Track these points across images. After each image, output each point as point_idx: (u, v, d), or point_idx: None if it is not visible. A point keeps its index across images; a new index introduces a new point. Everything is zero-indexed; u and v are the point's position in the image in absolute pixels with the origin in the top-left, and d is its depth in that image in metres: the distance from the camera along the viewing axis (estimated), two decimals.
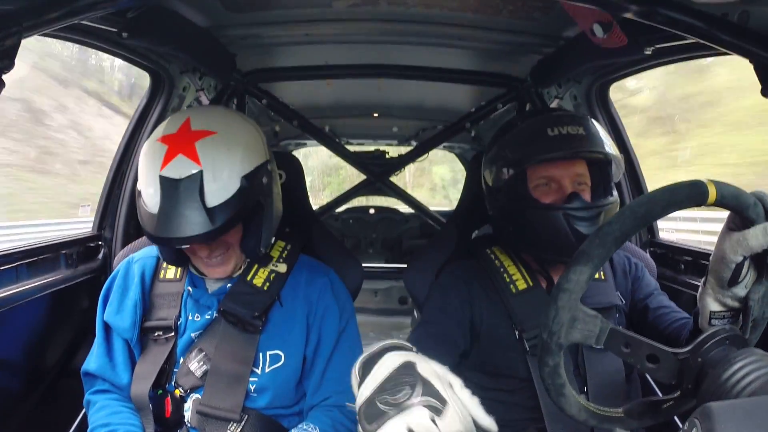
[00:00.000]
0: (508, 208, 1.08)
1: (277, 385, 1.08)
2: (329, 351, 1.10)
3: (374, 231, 3.67)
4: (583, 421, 0.68)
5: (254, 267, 1.13)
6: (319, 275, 1.17)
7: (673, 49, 1.21)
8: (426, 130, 2.81)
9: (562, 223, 0.99)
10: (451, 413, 0.56)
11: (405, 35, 1.53)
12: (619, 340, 0.66)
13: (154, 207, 0.98)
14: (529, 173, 1.06)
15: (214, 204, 0.96)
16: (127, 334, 1.11)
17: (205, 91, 1.75)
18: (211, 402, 1.05)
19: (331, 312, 1.12)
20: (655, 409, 0.70)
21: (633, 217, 0.64)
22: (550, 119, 1.06)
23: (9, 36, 0.74)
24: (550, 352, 0.65)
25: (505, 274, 1.12)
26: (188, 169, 0.96)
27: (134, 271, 1.15)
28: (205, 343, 1.08)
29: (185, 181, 0.95)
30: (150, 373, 1.08)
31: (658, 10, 0.79)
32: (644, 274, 1.19)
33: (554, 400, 0.68)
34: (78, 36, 1.25)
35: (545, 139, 1.02)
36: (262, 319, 1.08)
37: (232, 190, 0.98)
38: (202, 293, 1.13)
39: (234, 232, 1.05)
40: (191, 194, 0.95)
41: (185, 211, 0.95)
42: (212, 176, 0.97)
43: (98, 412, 1.09)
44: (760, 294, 0.74)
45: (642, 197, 0.66)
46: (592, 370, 1.07)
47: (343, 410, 1.07)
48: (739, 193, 0.67)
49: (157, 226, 0.97)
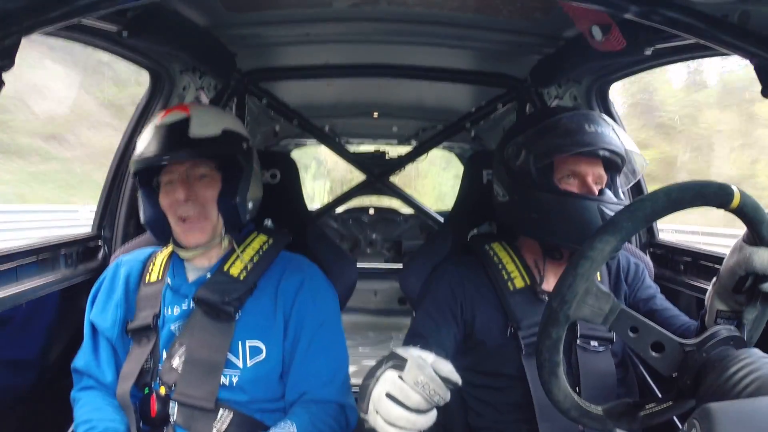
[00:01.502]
0: (535, 194, 1.07)
1: (260, 379, 1.08)
2: (305, 346, 1.11)
3: (374, 231, 3.68)
4: (565, 411, 0.67)
5: (232, 257, 1.14)
6: (297, 271, 1.17)
7: (673, 50, 1.21)
8: (426, 129, 2.81)
9: (596, 213, 1.01)
10: (410, 365, 0.66)
11: (405, 35, 1.53)
12: (627, 323, 0.66)
13: (143, 145, 1.11)
14: (556, 164, 1.07)
15: (196, 135, 1.09)
16: (108, 332, 1.15)
17: (204, 91, 1.75)
18: (186, 390, 1.06)
19: (308, 308, 1.13)
20: (634, 413, 0.69)
21: (666, 198, 0.64)
22: (590, 116, 1.08)
23: (9, 35, 0.74)
24: (557, 323, 0.64)
25: (503, 271, 1.12)
26: (178, 116, 1.11)
27: (120, 273, 1.20)
28: (185, 338, 1.10)
29: (174, 123, 1.10)
30: (132, 372, 1.09)
31: (658, 10, 0.79)
32: (645, 275, 1.20)
33: (545, 379, 0.67)
34: (78, 35, 1.25)
35: (585, 134, 1.04)
36: (234, 306, 1.09)
37: (214, 132, 1.11)
38: (182, 282, 1.15)
39: (211, 187, 1.12)
40: (177, 129, 1.09)
41: (170, 138, 1.09)
42: (197, 121, 1.10)
43: (81, 409, 1.11)
44: (752, 316, 0.74)
45: (675, 184, 0.65)
46: (585, 371, 1.07)
47: (321, 405, 1.08)
48: (759, 207, 0.68)
49: (143, 151, 1.10)
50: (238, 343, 1.09)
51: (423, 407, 0.65)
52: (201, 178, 1.12)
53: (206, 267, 1.16)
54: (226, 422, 1.06)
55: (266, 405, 1.10)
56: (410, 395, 0.65)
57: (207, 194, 1.11)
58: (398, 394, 0.65)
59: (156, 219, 1.15)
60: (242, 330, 1.10)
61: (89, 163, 12.43)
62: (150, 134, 1.12)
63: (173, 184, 1.11)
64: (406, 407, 0.65)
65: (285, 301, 1.13)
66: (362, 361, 2.60)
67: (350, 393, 1.15)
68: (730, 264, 0.77)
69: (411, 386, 0.65)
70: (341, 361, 1.15)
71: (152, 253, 1.25)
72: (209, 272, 1.14)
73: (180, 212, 1.11)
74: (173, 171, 1.12)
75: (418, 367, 0.65)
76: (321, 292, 1.17)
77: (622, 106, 11.77)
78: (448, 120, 2.45)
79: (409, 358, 0.67)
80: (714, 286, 0.83)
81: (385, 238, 3.68)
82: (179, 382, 1.07)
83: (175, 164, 1.11)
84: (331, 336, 1.14)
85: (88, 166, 12.47)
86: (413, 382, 0.65)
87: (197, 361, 1.07)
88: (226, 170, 1.14)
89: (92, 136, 13.26)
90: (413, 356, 0.67)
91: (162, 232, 1.16)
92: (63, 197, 11.45)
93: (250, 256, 1.15)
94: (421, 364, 0.66)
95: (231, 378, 1.07)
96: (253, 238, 1.19)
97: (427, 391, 0.64)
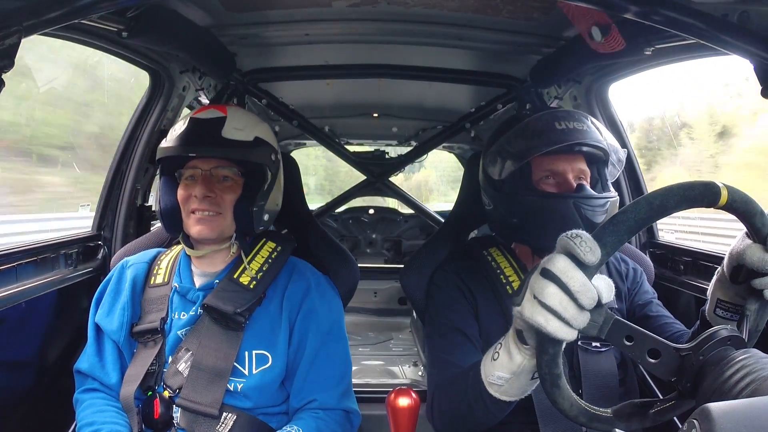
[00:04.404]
0: (514, 199, 1.08)
1: (265, 386, 1.08)
2: (312, 354, 1.10)
3: (374, 231, 3.68)
4: (573, 417, 0.67)
5: (242, 265, 1.14)
6: (304, 278, 1.17)
7: (673, 50, 1.21)
8: (426, 130, 2.81)
9: (572, 211, 1.01)
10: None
11: (405, 35, 1.53)
12: (622, 332, 0.66)
13: (173, 135, 1.11)
14: (534, 166, 1.07)
15: (228, 137, 1.09)
16: (115, 335, 1.13)
17: (204, 91, 1.75)
18: (191, 396, 1.06)
19: (314, 315, 1.12)
20: (644, 412, 0.69)
21: (648, 207, 0.63)
22: (559, 114, 1.08)
23: (9, 35, 0.74)
24: (553, 339, 0.64)
25: (501, 276, 1.12)
26: (214, 114, 1.12)
27: (126, 275, 1.19)
28: (191, 343, 1.09)
29: (209, 120, 1.10)
30: (138, 375, 1.09)
31: (657, 10, 0.79)
32: (643, 280, 1.20)
33: (548, 391, 0.66)
34: (78, 35, 1.25)
35: (554, 132, 1.04)
36: (245, 317, 1.08)
37: (246, 138, 1.11)
38: (189, 288, 1.14)
39: (231, 190, 1.11)
40: (211, 126, 1.09)
41: (202, 133, 1.10)
42: (233, 123, 1.10)
43: (84, 411, 1.11)
44: (755, 306, 0.75)
45: (657, 190, 0.64)
46: (587, 372, 1.07)
47: (328, 411, 1.08)
48: (749, 200, 0.67)
49: (174, 141, 1.10)
50: (244, 353, 1.08)
51: (583, 298, 0.61)
52: (223, 179, 1.11)
53: (213, 273, 1.15)
54: (228, 425, 1.05)
55: (269, 409, 1.10)
56: (575, 275, 0.61)
57: (225, 197, 1.10)
58: (563, 275, 0.61)
59: (170, 209, 1.14)
60: (250, 339, 1.09)
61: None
62: (183, 125, 1.11)
63: (195, 179, 1.10)
64: (566, 292, 0.61)
65: (291, 307, 1.12)
66: (362, 361, 2.60)
67: (354, 398, 1.15)
68: (730, 251, 0.78)
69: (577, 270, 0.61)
70: (346, 368, 1.15)
71: (157, 254, 1.24)
72: (217, 278, 1.14)
73: (193, 207, 1.10)
74: (198, 166, 1.11)
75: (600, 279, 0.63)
76: (326, 299, 1.17)
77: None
78: (448, 120, 2.45)
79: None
80: (717, 273, 0.84)
81: (385, 238, 3.68)
82: (185, 388, 1.06)
83: (201, 160, 1.11)
84: (336, 343, 1.14)
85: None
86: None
87: (204, 368, 1.06)
88: (250, 177, 1.13)
89: None
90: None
91: (174, 224, 1.15)
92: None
93: (259, 264, 1.14)
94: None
95: (236, 385, 1.07)
96: (262, 245, 1.18)
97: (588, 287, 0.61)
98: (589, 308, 0.62)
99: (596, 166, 1.10)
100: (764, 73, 0.83)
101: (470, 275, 1.15)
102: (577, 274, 0.61)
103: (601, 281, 0.63)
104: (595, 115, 1.68)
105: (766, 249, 0.70)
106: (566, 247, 0.62)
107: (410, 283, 1.31)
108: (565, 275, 0.61)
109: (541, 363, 0.66)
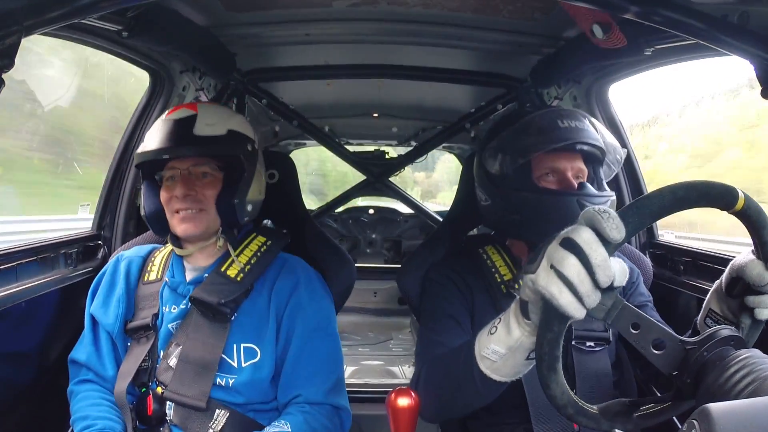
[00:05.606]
0: (515, 195, 1.08)
1: (256, 381, 1.08)
2: (298, 349, 1.10)
3: (373, 231, 3.68)
4: (561, 407, 0.66)
5: (229, 259, 1.14)
6: (293, 273, 1.17)
7: (673, 50, 1.21)
8: (426, 130, 2.81)
9: (575, 208, 1.00)
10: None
11: (405, 35, 1.53)
12: (629, 319, 0.65)
13: (148, 139, 1.12)
14: (534, 163, 1.07)
15: (200, 134, 1.09)
16: (110, 328, 1.15)
17: (204, 91, 1.75)
18: (178, 389, 1.06)
19: (301, 311, 1.12)
20: (629, 414, 0.68)
21: (672, 197, 0.63)
22: (562, 113, 1.08)
23: (9, 35, 0.74)
24: (559, 316, 0.63)
25: (496, 274, 1.13)
26: (185, 113, 1.13)
27: (121, 268, 1.20)
28: (181, 337, 1.10)
29: (180, 120, 1.11)
30: (129, 371, 1.10)
31: (657, 10, 0.79)
32: (640, 282, 1.20)
33: (543, 374, 0.65)
34: (78, 35, 1.25)
35: (558, 130, 1.04)
36: (230, 308, 1.09)
37: (219, 132, 1.11)
38: (180, 281, 1.15)
39: (212, 186, 1.12)
40: (183, 125, 1.10)
41: (174, 134, 1.10)
42: (204, 119, 1.11)
43: (79, 403, 1.11)
44: (747, 323, 0.76)
45: (681, 182, 0.64)
46: (581, 372, 1.07)
47: (315, 406, 1.08)
48: (762, 211, 0.67)
49: (147, 145, 1.11)
50: (233, 345, 1.09)
51: (601, 274, 0.59)
52: (202, 176, 1.12)
53: (204, 267, 1.16)
54: (221, 422, 1.06)
55: (261, 406, 1.11)
56: (599, 249, 0.59)
57: (207, 193, 1.11)
58: (587, 246, 0.59)
59: (155, 212, 1.15)
60: (237, 332, 1.09)
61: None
62: (156, 128, 1.12)
63: (174, 179, 1.11)
64: (586, 265, 0.59)
65: (279, 302, 1.12)
66: (362, 361, 2.60)
67: (345, 395, 1.14)
68: (733, 262, 0.78)
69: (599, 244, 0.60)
70: (334, 364, 1.14)
71: (152, 250, 1.25)
72: (206, 272, 1.14)
73: (176, 207, 1.11)
74: (175, 167, 1.11)
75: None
76: (315, 295, 1.17)
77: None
78: (448, 120, 2.45)
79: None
80: (717, 282, 0.84)
81: (385, 238, 3.68)
82: (173, 380, 1.07)
83: (177, 161, 1.11)
84: (324, 340, 1.13)
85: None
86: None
87: (191, 360, 1.07)
88: (229, 170, 1.14)
89: None
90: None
91: (161, 226, 1.16)
92: None
93: (247, 257, 1.14)
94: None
95: (227, 380, 1.07)
96: (252, 239, 1.18)
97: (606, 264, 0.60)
98: (604, 286, 0.61)
99: (593, 166, 1.11)
100: (764, 74, 0.83)
101: (466, 271, 1.15)
102: (600, 249, 0.60)
103: (617, 263, 0.61)
104: (595, 115, 1.68)
105: (763, 266, 0.71)
106: (592, 220, 0.61)
107: (407, 283, 1.31)
108: (589, 247, 0.60)
109: (542, 341, 0.64)
